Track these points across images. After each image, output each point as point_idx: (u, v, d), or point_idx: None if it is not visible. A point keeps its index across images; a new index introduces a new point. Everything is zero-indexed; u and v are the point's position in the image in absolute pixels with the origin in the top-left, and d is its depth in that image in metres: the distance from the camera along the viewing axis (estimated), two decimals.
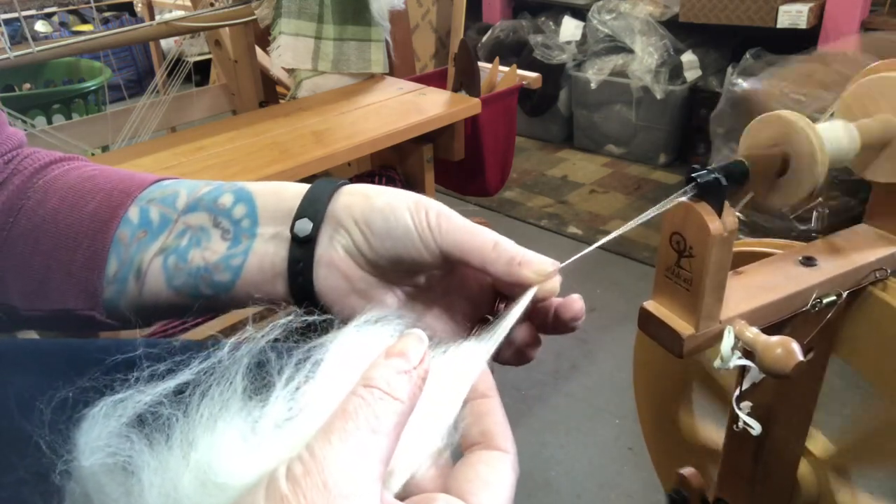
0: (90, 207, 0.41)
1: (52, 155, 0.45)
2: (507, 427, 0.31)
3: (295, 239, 0.38)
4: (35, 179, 0.43)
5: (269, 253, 0.39)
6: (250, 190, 0.41)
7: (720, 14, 2.26)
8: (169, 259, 0.40)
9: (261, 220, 0.40)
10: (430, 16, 2.21)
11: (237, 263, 0.39)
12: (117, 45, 1.43)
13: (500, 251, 0.36)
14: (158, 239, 0.40)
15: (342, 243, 0.38)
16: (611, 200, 2.31)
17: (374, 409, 0.25)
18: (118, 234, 0.40)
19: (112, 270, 0.40)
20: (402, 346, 0.27)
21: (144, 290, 0.40)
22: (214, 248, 0.40)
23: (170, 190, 0.42)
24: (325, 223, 0.39)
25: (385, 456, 0.25)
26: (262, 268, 0.39)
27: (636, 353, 0.88)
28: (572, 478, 1.27)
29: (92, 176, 0.43)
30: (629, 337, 0.86)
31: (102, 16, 3.40)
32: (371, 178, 1.68)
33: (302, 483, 0.23)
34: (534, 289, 0.36)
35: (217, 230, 0.40)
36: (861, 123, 0.57)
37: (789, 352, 0.49)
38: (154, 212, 0.41)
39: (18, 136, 0.45)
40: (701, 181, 0.48)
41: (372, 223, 0.37)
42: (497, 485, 0.28)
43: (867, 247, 0.61)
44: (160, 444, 0.26)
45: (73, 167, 0.45)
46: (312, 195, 0.39)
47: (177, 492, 0.25)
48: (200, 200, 0.41)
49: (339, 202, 0.39)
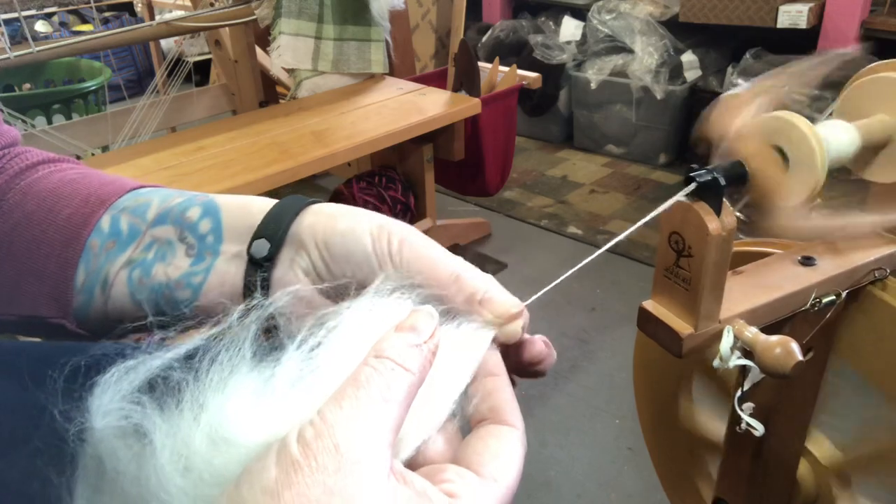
0: (65, 213, 0.40)
1: (41, 155, 0.44)
2: (515, 403, 0.31)
3: (251, 260, 0.37)
4: (17, 180, 0.42)
5: (230, 272, 0.38)
6: (218, 204, 0.40)
7: (720, 14, 2.26)
8: (134, 272, 0.39)
9: (225, 236, 0.39)
10: (430, 16, 2.21)
11: (198, 281, 0.38)
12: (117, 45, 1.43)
13: (461, 286, 0.33)
14: (126, 251, 0.39)
15: (302, 266, 0.37)
16: (611, 200, 2.31)
17: (385, 379, 0.25)
18: (89, 242, 0.39)
19: (80, 280, 0.39)
20: (413, 320, 0.28)
21: (110, 302, 0.39)
22: (178, 263, 0.39)
23: (143, 199, 0.41)
24: (287, 244, 0.37)
25: (395, 425, 0.25)
26: (222, 287, 0.38)
27: (636, 352, 0.88)
28: (572, 478, 1.27)
29: (73, 180, 0.42)
30: (629, 337, 0.86)
31: (102, 16, 3.41)
32: (371, 178, 1.68)
33: (313, 446, 0.23)
34: (492, 331, 0.33)
35: (182, 245, 0.39)
36: (860, 123, 0.57)
37: (788, 352, 0.49)
38: (124, 222, 0.40)
39: (11, 134, 0.44)
40: (700, 181, 0.48)
41: (332, 247, 0.36)
42: (506, 457, 0.29)
43: (866, 246, 0.61)
44: (171, 407, 0.27)
45: (57, 169, 0.44)
46: (275, 214, 0.38)
47: (189, 451, 0.25)
48: (169, 212, 0.40)
49: (304, 222, 0.37)
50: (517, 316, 0.33)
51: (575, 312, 1.70)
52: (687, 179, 0.48)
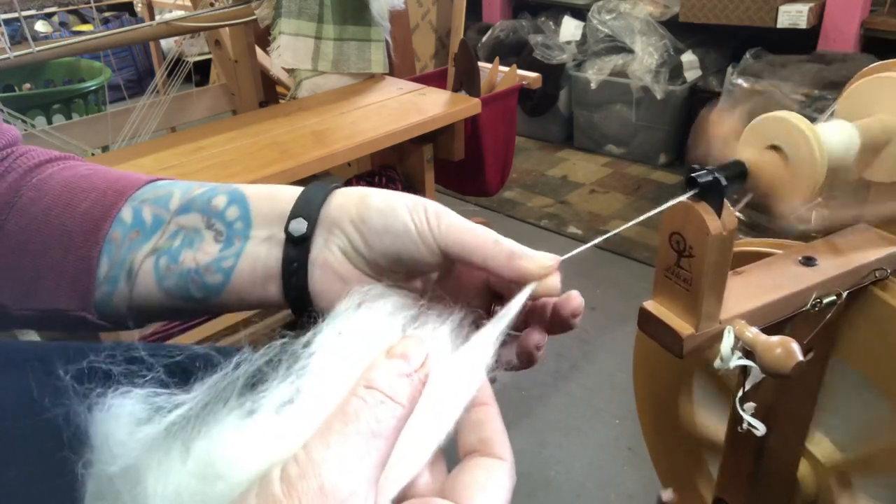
0: (83, 207, 0.40)
1: (47, 153, 0.45)
2: (504, 435, 0.31)
3: (290, 239, 0.38)
4: (29, 177, 0.42)
5: (261, 255, 0.39)
6: (244, 192, 0.40)
7: (720, 14, 2.26)
8: (160, 260, 0.39)
9: (254, 222, 0.39)
10: (430, 16, 2.21)
11: (228, 265, 0.39)
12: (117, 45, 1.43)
13: (501, 247, 0.35)
14: (151, 240, 0.40)
15: (338, 244, 0.38)
16: (611, 200, 2.31)
17: (374, 413, 0.25)
18: (111, 234, 0.40)
19: (103, 271, 0.39)
20: (403, 347, 0.27)
21: (135, 291, 0.40)
22: (206, 249, 0.39)
23: (163, 191, 0.41)
24: (319, 225, 0.38)
25: (382, 460, 0.25)
26: (253, 270, 0.39)
27: (636, 352, 0.88)
28: (572, 478, 1.27)
29: (86, 175, 0.43)
30: (629, 337, 0.86)
31: (102, 16, 3.40)
32: (371, 178, 1.68)
33: (297, 486, 0.22)
34: (532, 284, 0.35)
35: (210, 232, 0.39)
36: (860, 123, 0.57)
37: (789, 352, 0.49)
38: (147, 212, 0.40)
39: (12, 133, 0.44)
40: (700, 181, 0.48)
41: (369, 221, 0.37)
42: (493, 490, 0.28)
43: (867, 247, 0.61)
44: (163, 449, 0.26)
45: (67, 166, 0.44)
46: (307, 197, 0.39)
47: (179, 493, 0.25)
48: (194, 201, 0.40)
49: (333, 203, 0.38)
50: (554, 267, 0.36)
51: None
52: (688, 180, 0.48)
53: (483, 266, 0.36)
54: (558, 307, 0.38)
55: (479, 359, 0.32)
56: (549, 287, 0.36)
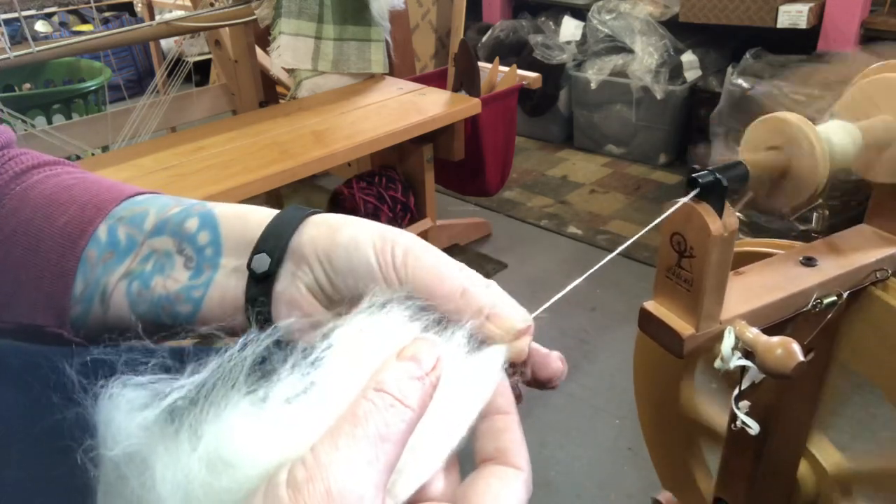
0: (61, 221, 0.40)
1: (37, 158, 0.44)
2: (523, 446, 0.30)
3: (252, 275, 0.37)
4: (13, 185, 0.42)
5: (230, 286, 0.38)
6: (216, 214, 0.39)
7: (720, 14, 2.26)
8: (133, 284, 0.39)
9: (224, 249, 0.38)
10: (430, 16, 2.20)
11: (198, 295, 0.38)
12: (117, 45, 1.43)
13: (468, 300, 0.32)
14: (124, 262, 0.39)
15: (304, 281, 0.36)
16: (611, 200, 2.31)
17: (384, 416, 0.24)
18: (86, 252, 0.39)
19: (79, 289, 0.39)
20: (414, 349, 0.27)
21: (109, 313, 0.39)
22: (176, 276, 0.38)
23: (140, 208, 0.40)
24: (287, 258, 0.36)
25: (390, 464, 0.24)
26: (223, 301, 0.38)
27: (636, 353, 0.87)
28: (572, 478, 1.27)
29: (69, 186, 0.42)
30: (629, 337, 0.86)
31: (102, 16, 3.40)
32: (371, 178, 1.68)
33: (304, 490, 0.22)
34: (502, 348, 0.32)
35: (181, 257, 0.39)
36: (862, 124, 0.57)
37: (790, 352, 0.49)
38: (122, 232, 0.40)
39: (6, 135, 0.44)
40: (702, 182, 0.48)
41: (334, 260, 0.35)
42: (507, 500, 0.28)
43: (868, 247, 0.61)
44: (171, 433, 0.26)
45: (54, 173, 0.43)
46: (275, 227, 0.37)
47: (188, 480, 0.25)
48: (167, 222, 0.39)
49: (304, 235, 0.36)
50: (525, 332, 0.32)
51: (575, 312, 1.70)
52: (689, 181, 0.48)
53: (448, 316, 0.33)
54: (535, 369, 0.35)
55: (494, 363, 0.31)
56: (516, 354, 0.33)
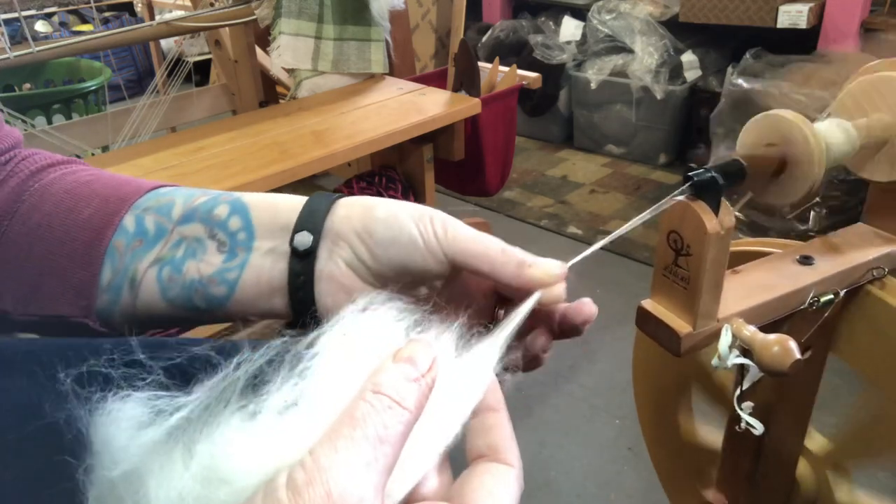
0: (86, 213, 0.40)
1: (50, 158, 0.44)
2: (514, 442, 0.31)
3: (295, 252, 0.38)
4: (31, 183, 0.42)
5: (265, 267, 0.38)
6: (246, 202, 0.40)
7: (720, 14, 2.26)
8: (164, 270, 0.39)
9: (257, 232, 0.39)
10: (430, 16, 2.21)
11: (233, 277, 0.39)
12: (117, 45, 1.43)
13: (509, 256, 0.36)
14: (154, 249, 0.39)
15: (343, 257, 0.38)
16: (611, 200, 2.31)
17: (382, 418, 0.24)
18: (113, 242, 0.40)
19: (106, 279, 0.39)
20: (410, 351, 0.27)
21: (139, 300, 0.39)
22: (210, 260, 0.39)
23: (166, 199, 0.41)
24: (323, 237, 0.38)
25: (389, 466, 0.24)
26: (258, 282, 0.39)
27: (636, 352, 0.88)
28: (572, 478, 1.27)
29: (88, 181, 0.42)
30: (629, 337, 0.86)
31: (102, 16, 3.41)
32: (371, 178, 1.68)
33: (304, 493, 0.22)
34: (539, 292, 0.36)
35: (213, 242, 0.39)
36: (859, 123, 0.57)
37: (786, 350, 0.49)
38: (150, 221, 0.40)
39: (14, 136, 0.44)
40: (698, 180, 0.48)
41: (375, 233, 0.37)
42: (501, 495, 0.28)
43: (864, 245, 0.61)
44: (166, 451, 0.26)
45: (69, 171, 0.44)
46: (310, 208, 0.39)
47: (183, 500, 0.25)
48: (196, 211, 0.40)
49: (336, 215, 0.38)
50: (562, 276, 0.37)
51: None
52: (685, 179, 0.48)
53: (491, 275, 0.36)
54: (570, 314, 0.38)
55: (486, 363, 0.32)
56: (556, 295, 0.36)
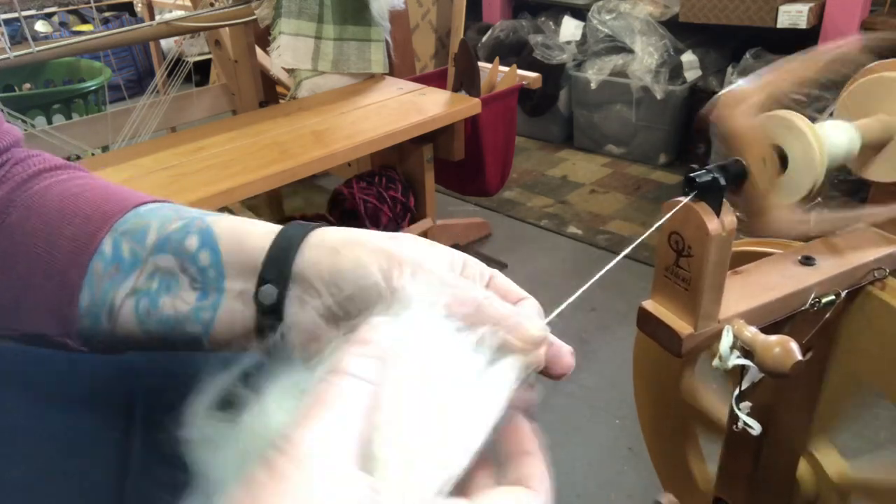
0: (68, 232, 0.40)
1: (44, 162, 0.44)
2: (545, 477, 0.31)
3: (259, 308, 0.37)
4: (19, 192, 0.42)
5: (237, 310, 0.37)
6: (215, 234, 0.39)
7: (720, 14, 2.26)
8: (141, 303, 0.38)
9: (226, 272, 0.38)
10: (430, 16, 2.21)
11: (207, 317, 0.38)
12: (117, 45, 1.43)
13: (485, 313, 0.32)
14: (130, 278, 0.39)
15: (314, 305, 0.36)
16: (611, 200, 2.31)
17: (343, 391, 0.26)
18: (92, 265, 0.39)
19: (85, 303, 0.39)
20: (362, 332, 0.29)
21: (117, 328, 0.39)
22: (184, 297, 0.38)
23: (142, 223, 0.40)
24: (293, 283, 0.36)
25: (357, 435, 0.25)
26: (232, 324, 0.38)
27: (636, 353, 0.88)
28: (572, 478, 1.27)
29: (75, 194, 0.42)
30: (629, 337, 0.86)
31: (102, 16, 3.41)
32: (371, 178, 1.68)
33: (279, 468, 0.24)
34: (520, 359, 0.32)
35: (185, 277, 0.38)
36: (860, 123, 0.57)
37: (788, 351, 0.49)
38: (125, 247, 0.39)
39: (13, 135, 0.44)
40: (699, 181, 0.48)
41: (341, 284, 0.35)
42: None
43: (866, 246, 0.61)
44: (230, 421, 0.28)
45: (59, 180, 0.43)
46: (276, 251, 0.37)
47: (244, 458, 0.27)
48: (168, 241, 0.39)
49: (305, 258, 0.36)
50: (542, 341, 0.33)
51: (575, 312, 1.70)
52: (687, 180, 0.48)
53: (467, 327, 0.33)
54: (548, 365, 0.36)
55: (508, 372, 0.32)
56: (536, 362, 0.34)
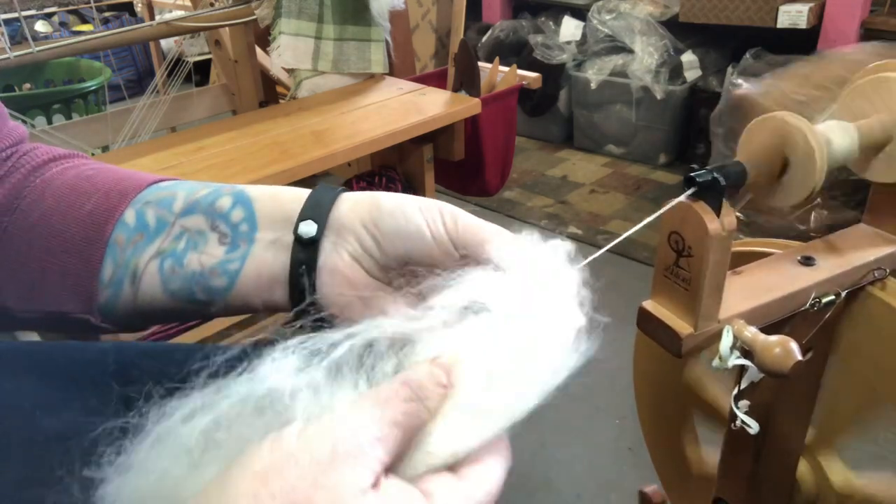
0: (86, 209, 0.40)
1: (52, 152, 0.44)
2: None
3: (298, 241, 0.38)
4: (32, 178, 0.42)
5: (267, 259, 0.38)
6: (249, 194, 0.40)
7: (720, 14, 2.26)
8: (165, 263, 0.39)
9: (259, 224, 0.39)
10: (430, 16, 2.21)
11: (234, 268, 0.38)
12: (117, 45, 1.43)
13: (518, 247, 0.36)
14: (155, 242, 0.39)
15: (348, 249, 0.38)
16: (611, 200, 2.31)
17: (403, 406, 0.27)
18: (114, 236, 0.39)
19: (107, 274, 0.39)
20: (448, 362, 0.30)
21: (140, 294, 0.39)
22: (211, 252, 0.39)
23: (167, 192, 0.41)
24: (328, 229, 0.38)
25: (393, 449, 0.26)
26: (259, 274, 0.38)
27: (636, 353, 0.88)
28: (572, 478, 1.27)
29: (89, 176, 0.42)
30: (629, 337, 0.86)
31: (102, 16, 3.40)
32: (371, 178, 1.68)
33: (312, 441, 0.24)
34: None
35: (214, 234, 0.39)
36: (860, 124, 0.57)
37: (788, 351, 0.49)
38: (150, 214, 0.40)
39: (19, 132, 0.44)
40: (699, 181, 0.48)
41: (382, 224, 0.37)
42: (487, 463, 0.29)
43: (866, 246, 0.61)
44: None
45: (71, 166, 0.44)
46: (315, 199, 0.39)
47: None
48: (198, 203, 0.40)
49: (342, 207, 0.38)
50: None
51: None
52: (687, 180, 0.48)
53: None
54: None
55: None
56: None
